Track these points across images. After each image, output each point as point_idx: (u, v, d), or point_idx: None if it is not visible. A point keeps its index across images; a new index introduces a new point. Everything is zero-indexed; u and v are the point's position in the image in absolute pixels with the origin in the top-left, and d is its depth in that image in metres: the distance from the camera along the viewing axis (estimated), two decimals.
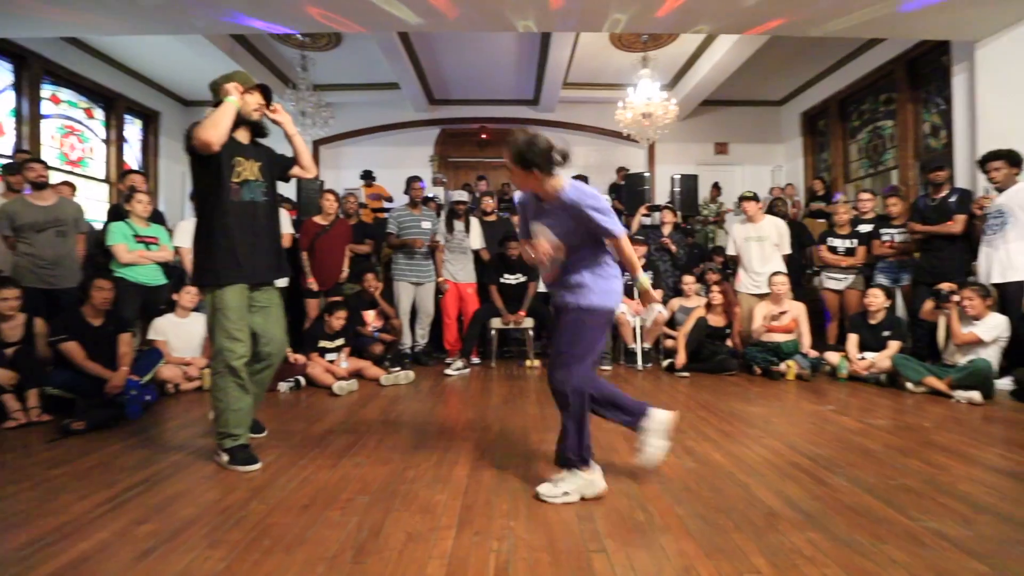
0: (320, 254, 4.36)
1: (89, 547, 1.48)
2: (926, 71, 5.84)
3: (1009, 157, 3.62)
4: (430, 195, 5.77)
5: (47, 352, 3.08)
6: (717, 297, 4.33)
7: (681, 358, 4.18)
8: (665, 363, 4.45)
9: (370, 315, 4.44)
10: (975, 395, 3.15)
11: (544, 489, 1.81)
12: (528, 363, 4.57)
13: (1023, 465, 2.15)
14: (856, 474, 2.05)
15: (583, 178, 7.36)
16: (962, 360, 3.41)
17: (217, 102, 2.15)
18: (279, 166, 2.39)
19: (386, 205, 7.02)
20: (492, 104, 8.51)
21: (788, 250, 4.58)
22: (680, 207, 6.52)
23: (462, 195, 4.94)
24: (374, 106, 8.39)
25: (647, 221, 5.77)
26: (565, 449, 1.87)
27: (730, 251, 4.87)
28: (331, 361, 3.83)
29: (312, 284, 4.31)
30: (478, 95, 8.31)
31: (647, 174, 7.11)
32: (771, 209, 5.27)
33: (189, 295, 3.71)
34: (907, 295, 4.35)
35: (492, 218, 5.15)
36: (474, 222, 4.92)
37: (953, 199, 3.90)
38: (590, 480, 1.82)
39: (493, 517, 1.68)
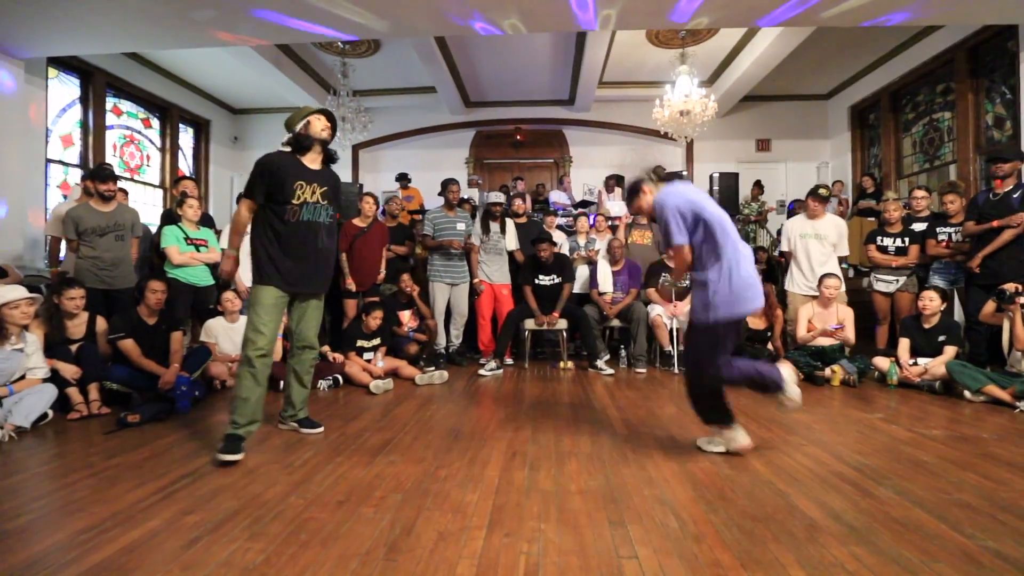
0: (358, 256, 4.47)
1: (140, 535, 1.57)
2: (989, 58, 5.48)
3: None
4: (465, 196, 5.83)
5: (107, 349, 3.28)
6: None
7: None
8: None
9: (406, 315, 4.53)
10: None
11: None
12: (562, 364, 4.55)
13: None
14: (906, 487, 1.94)
15: (619, 177, 7.29)
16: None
17: (293, 136, 2.47)
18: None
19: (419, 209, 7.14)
20: (527, 105, 8.53)
21: (846, 252, 4.38)
22: (720, 206, 6.34)
23: (498, 197, 4.97)
24: (411, 110, 8.55)
25: None
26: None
27: (783, 247, 4.69)
28: (368, 360, 3.93)
29: (351, 285, 4.43)
30: (513, 96, 8.34)
31: (684, 173, 6.96)
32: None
33: (230, 300, 3.87)
34: (963, 297, 4.09)
35: (522, 220, 5.17)
36: (509, 223, 4.95)
37: (1017, 195, 3.62)
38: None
39: (524, 519, 1.68)
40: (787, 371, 2.32)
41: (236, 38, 4.83)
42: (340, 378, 3.74)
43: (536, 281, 4.63)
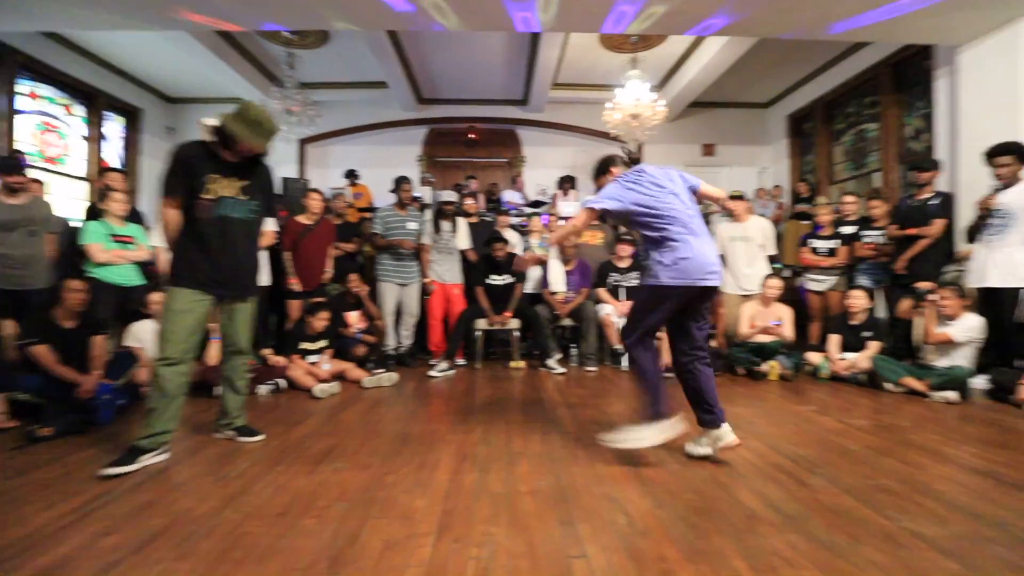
0: (303, 254, 4.30)
1: (49, 562, 1.43)
2: (909, 75, 5.91)
3: (1019, 152, 3.51)
4: (416, 195, 5.73)
5: (16, 355, 2.99)
6: None
7: (665, 359, 4.18)
8: None
9: (353, 316, 4.40)
10: (952, 395, 3.19)
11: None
12: (513, 364, 4.55)
13: (997, 464, 2.18)
14: (836, 475, 2.06)
15: (571, 178, 7.36)
16: (938, 359, 3.44)
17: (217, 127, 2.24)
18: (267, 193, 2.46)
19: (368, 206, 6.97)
20: (481, 104, 8.47)
21: (773, 251, 4.61)
22: None
23: (450, 195, 4.90)
24: (361, 104, 8.31)
25: None
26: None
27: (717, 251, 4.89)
28: (312, 363, 3.78)
29: (295, 285, 4.25)
30: (467, 94, 8.27)
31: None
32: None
33: (156, 304, 3.63)
34: (888, 296, 4.39)
35: (474, 219, 5.14)
36: (461, 222, 4.90)
37: (935, 202, 3.92)
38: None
39: (473, 523, 1.65)
40: (671, 426, 2.22)
41: (206, 20, 4.50)
42: (282, 383, 3.57)
43: (488, 281, 4.60)
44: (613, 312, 4.58)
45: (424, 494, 1.87)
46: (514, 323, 4.60)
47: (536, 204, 7.19)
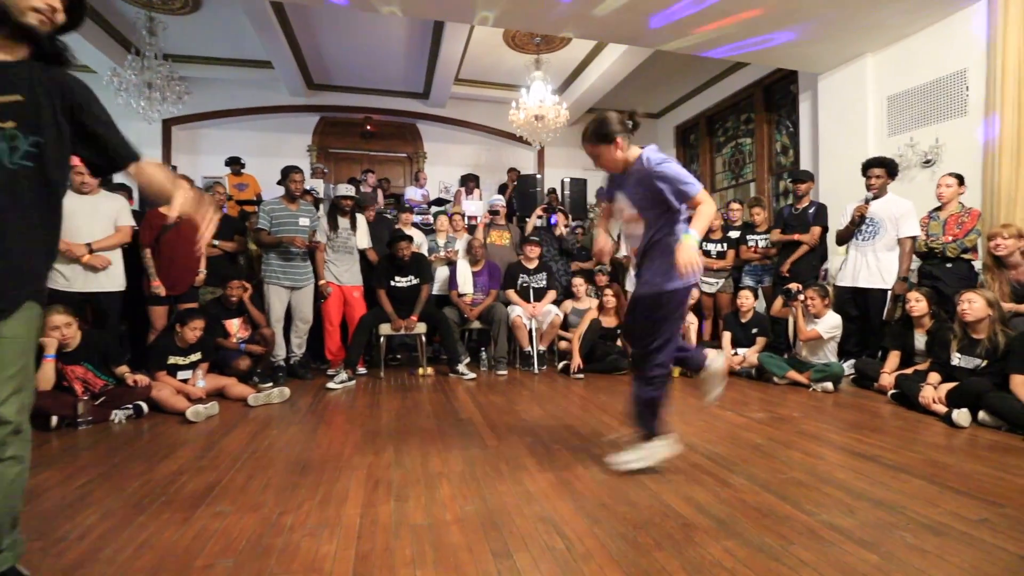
0: (168, 252, 3.66)
1: None
2: (778, 96, 6.60)
3: (888, 166, 3.92)
4: (308, 188, 5.20)
5: None
6: (611, 300, 4.43)
7: (576, 360, 4.21)
8: (560, 365, 4.45)
9: (234, 324, 3.85)
10: (828, 385, 3.54)
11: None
12: (420, 371, 4.29)
13: (875, 447, 2.40)
14: (751, 471, 2.12)
15: (475, 177, 7.22)
16: (806, 352, 3.81)
17: None
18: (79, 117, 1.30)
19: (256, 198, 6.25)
20: (379, 94, 8.02)
21: None
22: (569, 210, 6.66)
23: (348, 189, 4.49)
24: (242, 85, 7.45)
25: (540, 223, 5.78)
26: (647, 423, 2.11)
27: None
28: (184, 381, 3.22)
29: (158, 288, 3.61)
30: (363, 83, 7.77)
31: (539, 176, 7.17)
32: None
33: None
34: (768, 295, 4.82)
35: (371, 216, 4.78)
36: (361, 220, 4.52)
37: (811, 211, 4.37)
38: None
39: (395, 567, 1.42)
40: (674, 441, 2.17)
41: None
42: (144, 406, 2.98)
43: (392, 283, 4.29)
44: (523, 314, 4.51)
45: (332, 536, 1.59)
46: (420, 327, 4.33)
47: (438, 202, 6.95)
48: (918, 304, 3.37)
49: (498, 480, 2.04)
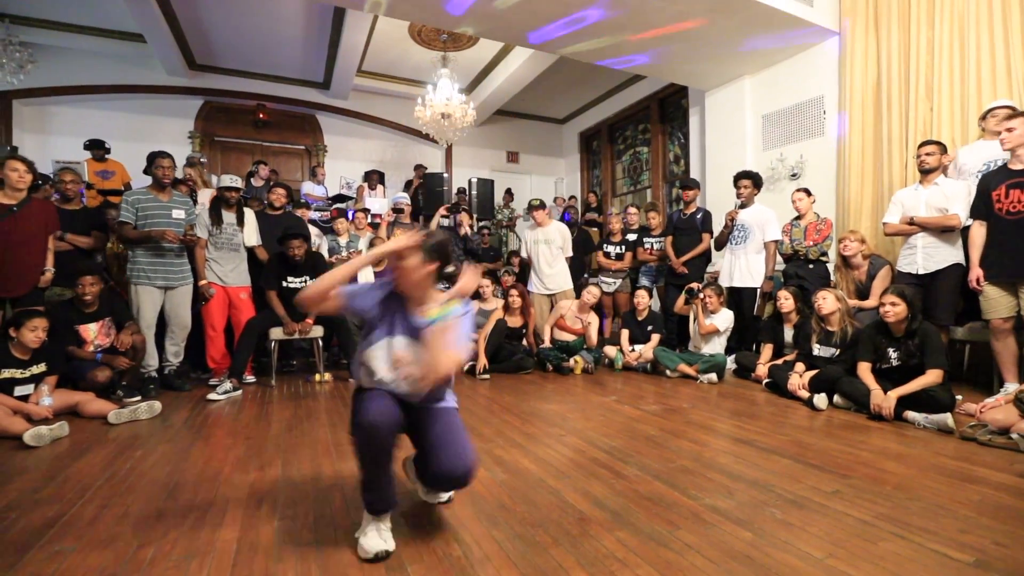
0: (2, 245, 3.10)
1: None
2: (671, 109, 7.08)
3: (754, 178, 4.40)
4: (181, 177, 4.67)
5: None
6: (516, 300, 4.47)
7: (482, 361, 4.19)
8: (466, 367, 4.40)
9: (91, 329, 3.35)
10: (713, 376, 3.85)
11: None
12: (317, 377, 4.03)
13: (754, 433, 2.63)
14: (645, 462, 2.22)
15: (379, 173, 6.97)
16: (703, 345, 4.14)
17: None
18: None
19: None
20: (273, 80, 7.47)
21: (570, 253, 5.00)
22: (477, 210, 6.66)
23: (234, 180, 4.09)
24: (108, 59, 6.56)
25: (445, 223, 5.71)
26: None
27: (523, 253, 5.13)
28: (24, 398, 2.74)
29: None
30: (255, 67, 7.19)
31: (446, 175, 7.09)
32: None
33: None
34: (662, 294, 5.14)
35: (277, 212, 4.40)
36: (249, 214, 4.15)
37: (699, 216, 4.73)
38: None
39: None
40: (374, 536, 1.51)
41: None
42: None
43: (284, 284, 3.98)
44: None
45: (202, 566, 1.42)
46: (317, 330, 4.07)
47: (339, 199, 6.61)
48: (786, 301, 3.76)
49: (398, 488, 1.94)
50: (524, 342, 4.58)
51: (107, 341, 3.41)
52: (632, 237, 5.25)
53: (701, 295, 4.12)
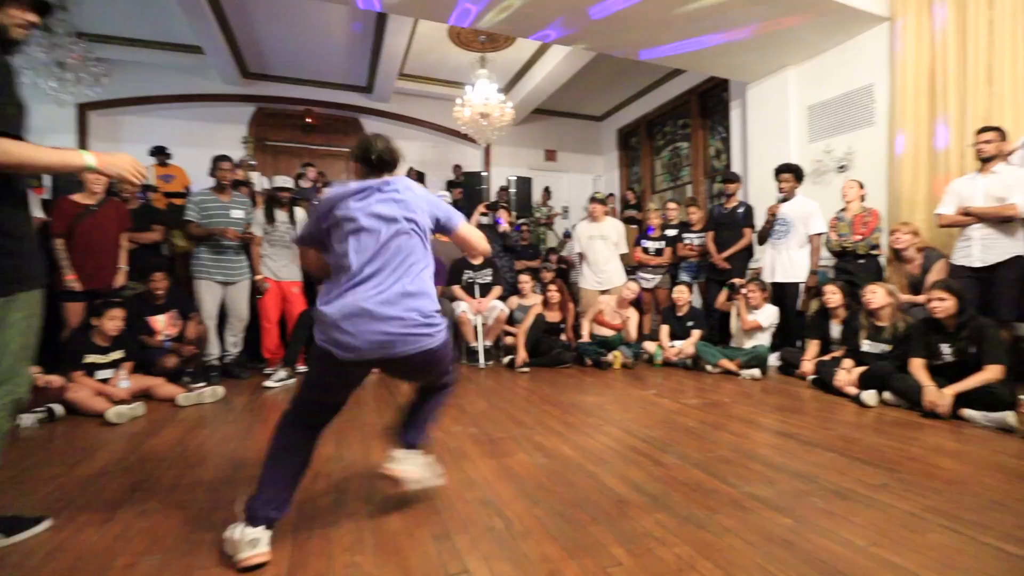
0: (83, 243, 3.40)
1: None
2: (712, 103, 6.96)
3: (795, 171, 4.32)
4: (242, 179, 4.97)
5: None
6: (555, 295, 4.52)
7: (521, 355, 4.26)
8: (506, 360, 4.49)
9: (160, 320, 3.62)
10: (756, 372, 3.79)
11: None
12: None
13: (795, 426, 2.60)
14: (684, 451, 2.24)
15: (420, 174, 7.16)
16: (747, 342, 4.08)
17: None
18: None
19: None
20: (320, 86, 7.77)
21: (625, 249, 5.01)
22: (515, 208, 6.74)
23: (286, 181, 4.33)
24: (170, 71, 7.00)
25: (484, 220, 5.81)
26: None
27: (576, 249, 5.18)
28: (105, 381, 3.01)
29: (73, 282, 3.34)
30: (303, 74, 7.51)
31: (485, 174, 7.20)
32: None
33: None
34: (703, 290, 5.08)
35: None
36: (300, 213, 4.37)
37: (741, 211, 4.66)
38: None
39: (333, 555, 1.40)
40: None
41: None
42: (58, 408, 2.76)
43: None
44: (469, 309, 4.52)
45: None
46: None
47: None
48: (833, 296, 3.67)
49: (440, 469, 2.04)
50: (563, 337, 4.63)
51: (174, 331, 3.68)
52: (671, 232, 5.20)
53: (743, 291, 4.06)
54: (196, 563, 1.36)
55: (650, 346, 4.48)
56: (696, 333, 4.29)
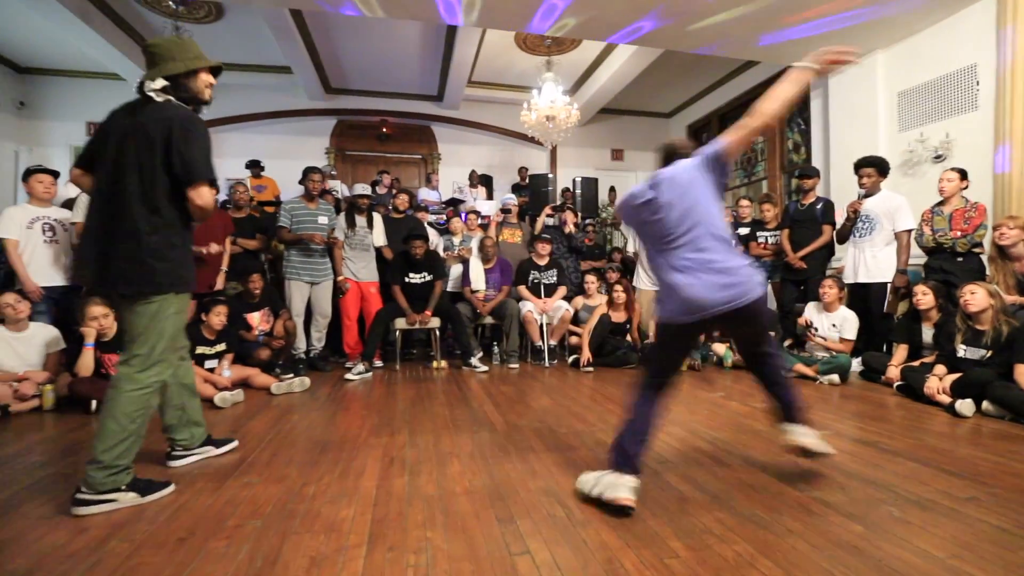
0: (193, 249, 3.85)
1: None
2: None
3: (879, 165, 4.01)
4: (327, 188, 5.40)
5: None
6: (621, 296, 4.51)
7: (586, 354, 4.30)
8: (570, 359, 4.54)
9: (255, 317, 4.02)
10: (835, 377, 3.59)
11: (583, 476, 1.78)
12: (435, 364, 4.43)
13: (875, 434, 2.46)
14: (749, 454, 2.20)
15: (488, 178, 7.35)
16: (821, 351, 3.86)
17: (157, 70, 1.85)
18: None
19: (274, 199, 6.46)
20: (394, 97, 8.21)
21: None
22: (581, 209, 6.76)
23: (365, 189, 4.67)
24: (262, 90, 7.70)
25: (550, 222, 5.89)
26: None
27: (631, 248, 5.13)
28: (211, 370, 3.40)
29: None
30: (379, 87, 7.97)
31: (551, 175, 7.28)
32: None
33: (11, 306, 3.08)
34: (776, 291, 4.85)
35: (400, 215, 4.98)
36: (377, 218, 4.68)
37: (819, 207, 4.40)
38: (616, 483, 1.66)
39: (408, 529, 1.55)
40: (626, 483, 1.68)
41: None
42: None
43: (406, 279, 4.44)
44: (534, 309, 4.62)
45: (350, 503, 1.72)
46: (435, 322, 4.47)
47: (452, 203, 7.10)
48: (925, 297, 3.40)
49: (505, 459, 2.15)
50: (628, 337, 4.61)
51: (267, 327, 4.07)
52: (744, 231, 5.02)
53: (813, 329, 3.86)
54: (290, 528, 1.55)
55: (719, 348, 4.36)
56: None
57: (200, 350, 3.40)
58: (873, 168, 4.00)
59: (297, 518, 1.62)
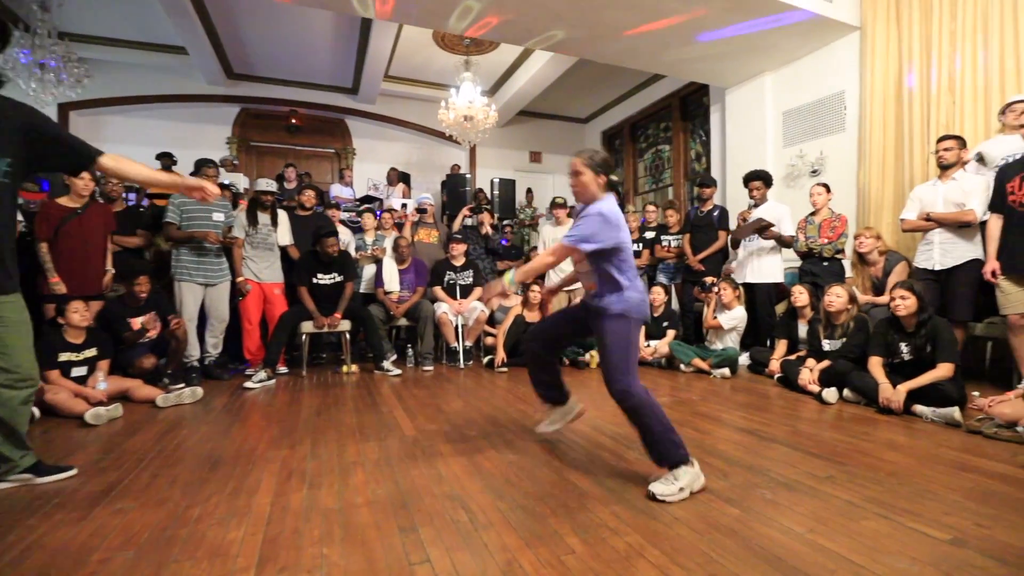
0: (68, 246, 3.42)
1: None
2: (693, 107, 7.09)
3: (765, 178, 4.46)
4: (226, 183, 5.00)
5: None
6: (535, 296, 4.61)
7: (500, 355, 4.34)
8: (485, 360, 4.57)
9: (138, 321, 3.64)
10: (726, 371, 3.91)
11: (658, 488, 1.79)
12: (345, 369, 4.26)
13: (758, 424, 2.71)
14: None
15: (400, 173, 7.21)
16: (717, 342, 4.20)
17: None
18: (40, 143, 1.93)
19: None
20: (305, 87, 7.80)
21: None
22: (499, 210, 6.82)
23: (269, 184, 4.37)
24: (152, 71, 6.99)
25: (469, 222, 5.88)
26: (664, 454, 1.89)
27: (540, 251, 5.27)
28: (80, 379, 3.03)
29: (57, 285, 3.35)
30: (288, 75, 7.53)
31: (468, 176, 7.27)
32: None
33: None
34: (679, 292, 5.19)
35: (307, 212, 4.69)
36: (282, 215, 4.42)
37: (715, 214, 4.79)
38: (696, 473, 1.85)
39: (302, 547, 1.48)
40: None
41: None
42: (35, 411, 2.78)
43: (314, 280, 4.23)
44: (449, 310, 4.60)
45: (240, 524, 1.62)
46: (345, 325, 4.31)
47: (367, 200, 6.87)
48: (800, 296, 3.80)
49: (412, 466, 2.12)
50: None
51: (153, 333, 3.70)
52: (650, 235, 5.32)
53: (716, 288, 4.18)
54: (168, 557, 1.42)
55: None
56: (671, 333, 4.40)
57: (64, 356, 3.02)
58: (760, 181, 4.42)
59: (177, 545, 1.49)
